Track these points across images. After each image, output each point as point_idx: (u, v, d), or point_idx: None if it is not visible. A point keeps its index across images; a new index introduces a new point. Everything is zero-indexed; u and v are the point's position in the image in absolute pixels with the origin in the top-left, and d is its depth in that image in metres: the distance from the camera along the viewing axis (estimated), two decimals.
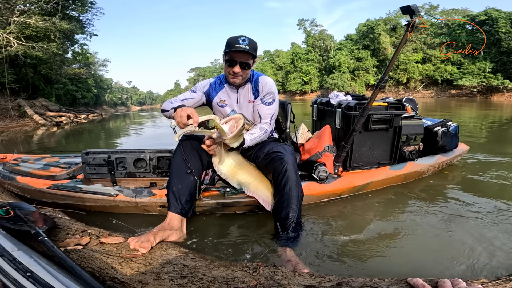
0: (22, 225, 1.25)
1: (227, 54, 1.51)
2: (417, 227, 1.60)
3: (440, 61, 28.93)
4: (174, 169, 1.51)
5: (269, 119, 1.66)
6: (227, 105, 1.70)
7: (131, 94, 80.00)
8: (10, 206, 1.42)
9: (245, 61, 1.50)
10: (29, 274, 0.87)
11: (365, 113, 1.84)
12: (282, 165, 1.41)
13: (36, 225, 1.25)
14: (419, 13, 1.56)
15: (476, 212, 1.74)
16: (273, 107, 1.66)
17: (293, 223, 1.36)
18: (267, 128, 1.64)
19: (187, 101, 1.68)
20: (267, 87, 1.62)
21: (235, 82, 1.61)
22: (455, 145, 2.48)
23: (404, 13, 1.57)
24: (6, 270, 0.89)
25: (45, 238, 1.15)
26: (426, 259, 1.31)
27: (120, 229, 1.63)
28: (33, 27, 12.44)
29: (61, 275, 0.88)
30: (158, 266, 1.06)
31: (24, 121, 11.84)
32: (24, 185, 1.92)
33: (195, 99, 1.71)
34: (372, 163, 2.15)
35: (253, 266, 1.08)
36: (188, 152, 1.53)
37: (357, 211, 1.82)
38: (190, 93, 1.72)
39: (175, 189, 1.46)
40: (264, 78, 1.65)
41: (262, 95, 1.63)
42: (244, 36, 1.48)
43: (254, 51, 1.49)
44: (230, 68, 1.53)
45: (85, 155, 1.86)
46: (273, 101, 1.65)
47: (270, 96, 1.63)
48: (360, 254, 1.36)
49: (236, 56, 1.49)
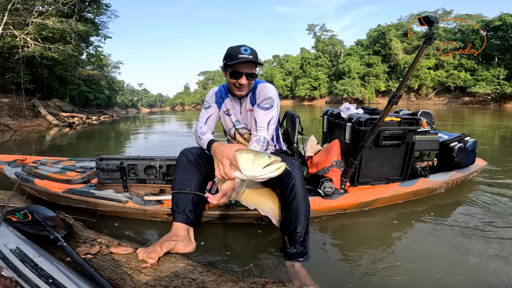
0: (40, 229, 1.28)
1: (230, 66, 1.45)
2: (424, 243, 1.57)
3: (453, 67, 28.41)
4: (175, 184, 1.53)
5: (266, 125, 1.54)
6: (232, 114, 1.69)
7: (142, 96, 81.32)
8: (28, 209, 1.46)
9: (250, 71, 1.46)
10: (51, 281, 0.88)
11: (375, 130, 1.76)
12: (289, 180, 1.40)
13: (55, 230, 1.27)
14: (439, 24, 1.49)
15: (487, 231, 1.68)
16: (271, 113, 1.56)
17: (301, 237, 1.35)
18: (264, 136, 1.52)
19: (211, 120, 1.67)
20: (264, 92, 1.55)
21: (241, 95, 1.56)
22: (471, 161, 2.38)
23: (422, 24, 1.47)
24: (28, 276, 0.91)
25: (64, 244, 1.17)
26: (433, 278, 1.27)
27: (131, 236, 1.65)
28: (50, 29, 12.81)
29: (81, 281, 0.90)
30: (166, 279, 1.07)
31: (38, 121, 12.15)
32: (41, 188, 1.98)
33: (215, 113, 1.69)
34: (381, 179, 2.08)
35: (260, 282, 1.07)
36: (186, 166, 1.55)
37: (363, 226, 1.80)
38: (206, 111, 1.69)
39: (177, 201, 1.48)
40: (262, 85, 1.59)
41: (259, 100, 1.57)
42: (245, 46, 1.42)
43: (257, 59, 1.44)
44: (236, 80, 1.48)
45: (99, 161, 1.90)
46: (271, 107, 1.56)
47: (267, 101, 1.55)
48: (365, 270, 1.34)
49: (241, 67, 1.44)
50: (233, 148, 1.21)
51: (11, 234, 1.15)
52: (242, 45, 1.43)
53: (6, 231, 1.17)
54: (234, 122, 1.70)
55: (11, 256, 1.00)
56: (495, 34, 25.53)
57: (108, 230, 1.73)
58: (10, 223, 1.27)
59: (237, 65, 1.42)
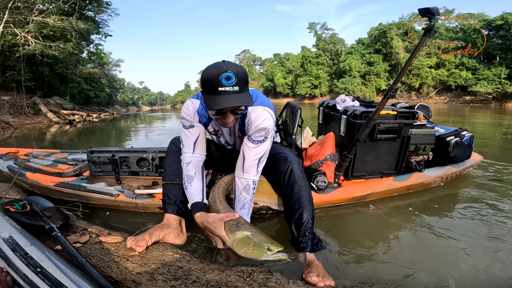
0: (37, 219, 1.28)
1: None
2: (421, 237, 1.57)
3: (455, 66, 28.27)
4: (165, 174, 1.49)
5: (256, 163, 1.31)
6: (221, 135, 1.49)
7: (143, 94, 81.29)
8: (27, 200, 1.46)
9: (237, 104, 1.06)
10: (39, 270, 0.88)
11: (370, 123, 1.75)
12: (286, 166, 1.35)
13: (51, 220, 1.28)
14: (439, 16, 1.46)
15: (484, 225, 1.68)
16: (263, 146, 1.29)
17: (309, 224, 1.26)
18: (254, 180, 1.33)
19: (200, 144, 1.38)
20: (257, 122, 1.25)
21: (227, 128, 1.34)
22: (467, 156, 2.36)
23: (423, 16, 1.44)
24: (17, 265, 0.90)
25: (58, 234, 1.17)
26: (431, 272, 1.27)
27: (122, 228, 1.65)
28: (51, 27, 12.81)
29: (70, 271, 0.89)
30: (153, 267, 1.07)
31: (38, 118, 12.17)
32: (33, 181, 1.98)
33: (202, 133, 1.39)
34: (375, 173, 2.07)
35: (247, 271, 1.08)
36: (176, 155, 1.47)
37: (358, 220, 1.79)
38: (190, 131, 1.36)
39: (168, 192, 1.46)
40: (256, 112, 1.25)
41: (250, 131, 1.28)
42: (227, 71, 1.02)
43: (246, 86, 1.09)
44: (218, 116, 1.16)
45: (90, 153, 1.90)
46: (264, 139, 1.28)
47: (260, 133, 1.27)
48: (359, 264, 1.33)
49: (224, 103, 1.05)
50: (221, 227, 1.16)
51: (6, 223, 1.15)
52: (223, 70, 1.02)
53: (2, 220, 1.17)
54: (224, 143, 1.57)
55: (3, 245, 1.00)
56: (497, 33, 25.35)
57: (101, 220, 1.73)
58: (7, 213, 1.29)
59: (219, 100, 1.05)
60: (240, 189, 1.34)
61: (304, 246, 1.23)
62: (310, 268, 1.11)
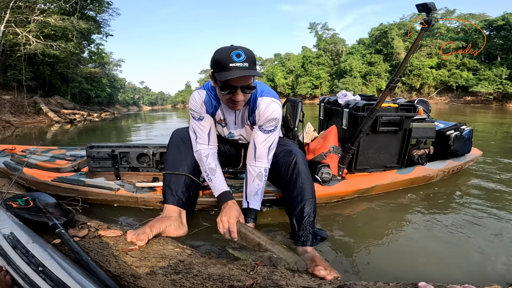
0: (40, 216, 1.24)
1: (221, 77, 1.13)
2: (424, 231, 1.53)
3: (456, 67, 28.23)
4: (166, 164, 1.47)
5: (267, 152, 1.37)
6: (227, 124, 1.49)
7: (143, 94, 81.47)
8: (30, 196, 1.43)
9: (247, 82, 1.16)
10: (41, 269, 0.83)
11: (373, 114, 1.75)
12: (291, 158, 1.35)
13: (55, 217, 1.24)
14: (436, 11, 1.47)
15: (486, 218, 1.65)
16: (274, 135, 1.38)
17: (310, 217, 1.26)
18: (265, 167, 1.39)
19: (213, 136, 1.43)
20: (268, 113, 1.32)
21: (237, 110, 1.32)
22: (467, 150, 2.37)
23: (420, 11, 1.46)
24: (17, 263, 0.85)
25: (62, 231, 1.13)
26: (434, 264, 1.24)
27: (122, 222, 1.62)
28: (52, 26, 12.85)
29: (74, 270, 0.84)
30: (153, 261, 1.04)
31: (39, 117, 12.18)
32: (30, 177, 1.94)
33: (212, 125, 1.43)
34: (378, 166, 2.07)
35: (251, 264, 1.05)
36: (179, 145, 1.47)
37: (361, 213, 1.76)
38: (200, 123, 1.40)
39: (169, 182, 1.43)
40: (265, 101, 1.32)
41: (261, 121, 1.35)
42: (237, 49, 1.10)
43: (254, 65, 1.14)
44: (229, 95, 1.19)
45: (90, 148, 1.87)
46: (274, 128, 1.37)
47: (271, 123, 1.34)
48: (364, 257, 1.30)
49: (235, 80, 1.12)
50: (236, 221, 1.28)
51: (7, 219, 1.11)
52: (233, 49, 1.10)
53: (3, 216, 1.13)
54: (227, 134, 1.54)
55: (3, 241, 0.95)
56: (498, 34, 25.33)
57: (100, 216, 1.70)
58: (10, 208, 1.25)
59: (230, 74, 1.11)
60: (253, 176, 1.39)
61: (305, 240, 1.22)
62: (315, 262, 1.09)
